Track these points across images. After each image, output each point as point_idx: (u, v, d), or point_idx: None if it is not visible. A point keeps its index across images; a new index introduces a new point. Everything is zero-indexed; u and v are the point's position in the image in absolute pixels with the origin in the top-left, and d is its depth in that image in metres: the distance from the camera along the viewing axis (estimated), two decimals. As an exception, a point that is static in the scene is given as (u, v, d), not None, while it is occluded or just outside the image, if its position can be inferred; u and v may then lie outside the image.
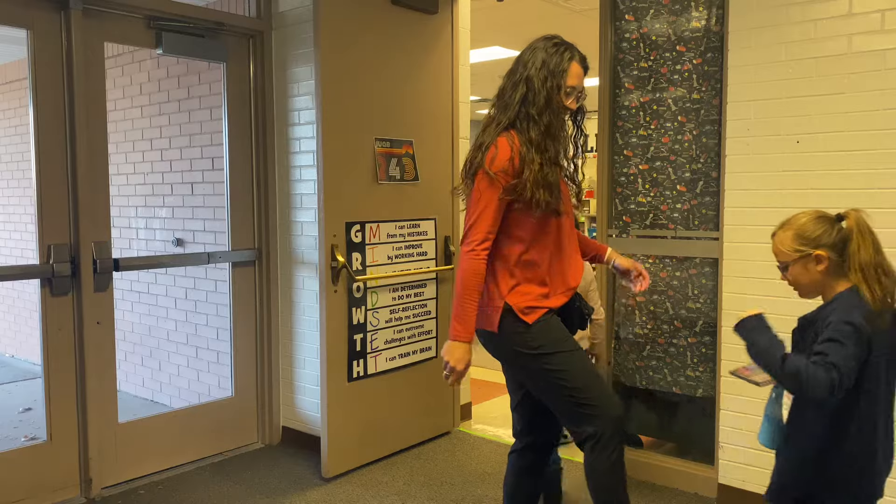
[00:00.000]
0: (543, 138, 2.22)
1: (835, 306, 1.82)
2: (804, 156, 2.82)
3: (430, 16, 3.78)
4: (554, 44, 2.28)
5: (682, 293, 3.29)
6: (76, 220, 3.18)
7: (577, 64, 2.28)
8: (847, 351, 1.72)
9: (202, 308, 4.48)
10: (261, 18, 3.77)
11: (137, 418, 3.64)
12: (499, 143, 2.22)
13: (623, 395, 3.49)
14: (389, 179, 3.63)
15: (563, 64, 2.25)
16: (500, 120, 2.27)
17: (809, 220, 1.88)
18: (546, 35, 2.32)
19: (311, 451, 3.70)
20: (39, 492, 3.17)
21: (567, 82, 2.25)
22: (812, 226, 1.87)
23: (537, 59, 2.25)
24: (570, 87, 2.26)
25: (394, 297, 3.71)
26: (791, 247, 1.88)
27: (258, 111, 3.81)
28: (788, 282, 1.95)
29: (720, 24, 3.09)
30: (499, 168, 2.19)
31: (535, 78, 2.23)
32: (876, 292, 1.79)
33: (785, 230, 1.91)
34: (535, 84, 2.23)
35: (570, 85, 2.26)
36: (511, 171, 2.19)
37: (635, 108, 3.35)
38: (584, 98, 2.34)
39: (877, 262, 1.82)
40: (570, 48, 2.29)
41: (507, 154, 2.19)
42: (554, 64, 2.24)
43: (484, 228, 2.21)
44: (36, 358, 5.39)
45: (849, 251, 1.83)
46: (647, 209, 3.35)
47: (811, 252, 1.85)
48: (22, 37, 3.08)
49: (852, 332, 1.74)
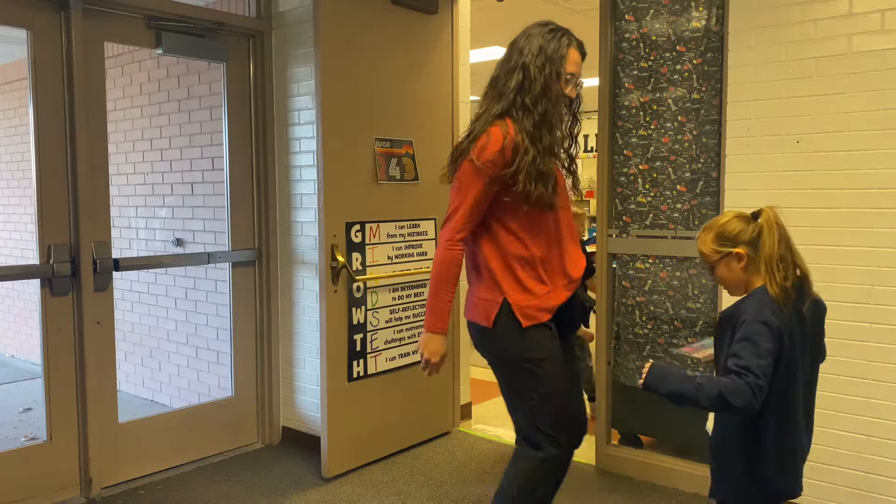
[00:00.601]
0: (539, 128, 2.13)
1: (749, 302, 1.90)
2: (804, 156, 2.82)
3: (430, 16, 3.78)
4: (550, 29, 2.19)
5: (682, 293, 3.29)
6: (76, 220, 3.18)
7: (576, 50, 2.20)
8: (759, 349, 1.77)
9: (202, 308, 4.48)
10: (261, 18, 3.77)
11: (137, 418, 3.64)
12: (491, 132, 2.13)
13: (623, 395, 3.50)
14: (389, 179, 3.63)
15: (561, 49, 2.16)
16: (494, 109, 2.18)
17: (728, 220, 1.96)
18: (540, 21, 2.22)
19: (311, 451, 3.70)
20: (39, 492, 3.17)
21: (566, 69, 2.17)
22: (731, 225, 1.95)
23: (533, 45, 2.16)
24: (570, 74, 2.19)
25: (394, 297, 3.71)
26: (712, 247, 1.96)
27: (258, 111, 3.81)
28: (716, 281, 2.02)
29: (720, 24, 3.09)
30: (487, 159, 2.10)
31: (531, 65, 2.14)
32: (775, 284, 1.86)
33: (706, 232, 1.99)
34: (532, 71, 2.14)
35: (569, 72, 2.18)
36: (501, 162, 2.11)
37: (635, 108, 3.35)
38: (581, 86, 2.25)
39: (780, 254, 1.89)
40: (567, 34, 2.21)
41: (497, 145, 2.10)
42: (552, 50, 2.15)
43: (462, 219, 2.15)
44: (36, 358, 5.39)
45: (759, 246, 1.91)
46: (647, 209, 3.35)
47: (731, 251, 1.93)
48: (22, 37, 3.07)
49: (764, 329, 1.80)
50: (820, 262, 2.80)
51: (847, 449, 2.79)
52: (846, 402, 2.78)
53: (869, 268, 2.71)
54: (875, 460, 2.74)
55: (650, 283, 3.37)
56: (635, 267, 3.40)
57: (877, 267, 2.69)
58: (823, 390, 2.80)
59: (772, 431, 1.89)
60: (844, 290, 2.76)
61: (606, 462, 3.49)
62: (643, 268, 3.38)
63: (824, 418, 2.83)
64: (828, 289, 2.78)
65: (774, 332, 1.81)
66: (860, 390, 2.75)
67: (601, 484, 3.37)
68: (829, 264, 2.79)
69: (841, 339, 2.77)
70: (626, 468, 3.45)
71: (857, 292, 2.74)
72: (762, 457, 1.91)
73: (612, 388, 3.50)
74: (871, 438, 2.74)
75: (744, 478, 1.95)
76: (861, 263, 2.72)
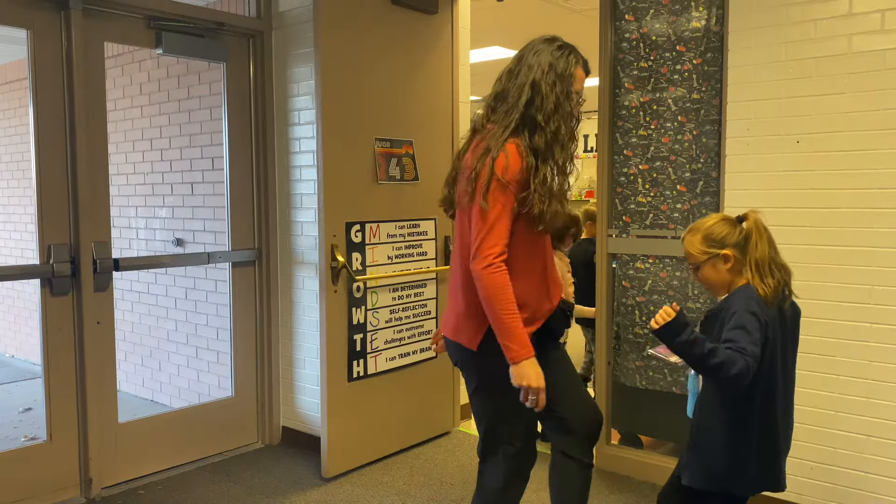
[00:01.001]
0: (550, 146, 2.09)
1: (734, 298, 1.98)
2: (804, 156, 2.82)
3: (430, 16, 3.78)
4: (558, 46, 2.16)
5: (682, 293, 3.29)
6: (76, 220, 3.18)
7: (581, 69, 2.19)
8: (753, 336, 1.87)
9: (202, 308, 4.48)
10: (261, 18, 3.77)
11: (137, 418, 3.64)
12: (508, 149, 2.06)
13: (623, 395, 3.50)
14: (389, 179, 3.63)
15: (570, 68, 2.14)
16: (507, 124, 2.10)
17: (715, 222, 2.06)
18: (546, 36, 2.20)
19: (311, 451, 3.70)
20: (39, 492, 3.17)
21: (574, 87, 2.15)
22: (718, 228, 2.05)
23: (543, 61, 2.12)
24: (576, 93, 2.17)
25: (394, 297, 3.71)
26: (700, 248, 2.05)
27: (258, 111, 3.81)
28: (700, 282, 2.11)
29: (720, 24, 3.09)
30: (512, 177, 2.04)
31: (541, 82, 2.10)
32: (769, 286, 1.97)
33: (693, 234, 2.08)
34: (543, 88, 2.09)
35: (576, 90, 2.16)
36: (523, 180, 2.05)
37: (635, 108, 3.35)
38: (583, 103, 2.24)
39: (770, 257, 2.00)
40: (574, 51, 2.19)
41: (518, 164, 2.04)
42: (562, 68, 2.13)
43: (499, 240, 2.04)
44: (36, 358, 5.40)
45: (748, 249, 2.00)
46: (647, 209, 3.36)
47: (719, 252, 2.02)
48: (22, 37, 3.07)
49: (754, 320, 1.90)
50: (820, 262, 2.81)
51: (847, 449, 2.79)
52: (846, 402, 2.78)
53: (869, 268, 2.71)
54: (875, 460, 2.74)
55: (650, 283, 3.37)
56: (635, 267, 3.40)
57: (877, 267, 2.69)
58: (823, 390, 2.82)
59: (756, 424, 1.97)
60: (844, 290, 2.76)
61: (606, 462, 3.49)
62: (643, 268, 3.38)
63: (824, 418, 2.83)
64: (828, 289, 2.79)
65: (762, 324, 1.91)
66: (860, 390, 2.75)
67: (601, 484, 3.37)
68: (829, 264, 2.79)
69: (841, 339, 2.77)
70: (626, 468, 3.45)
71: (857, 292, 2.74)
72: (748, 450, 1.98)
73: (612, 388, 3.50)
74: (871, 438, 2.74)
75: (724, 469, 2.00)
76: (861, 263, 2.72)
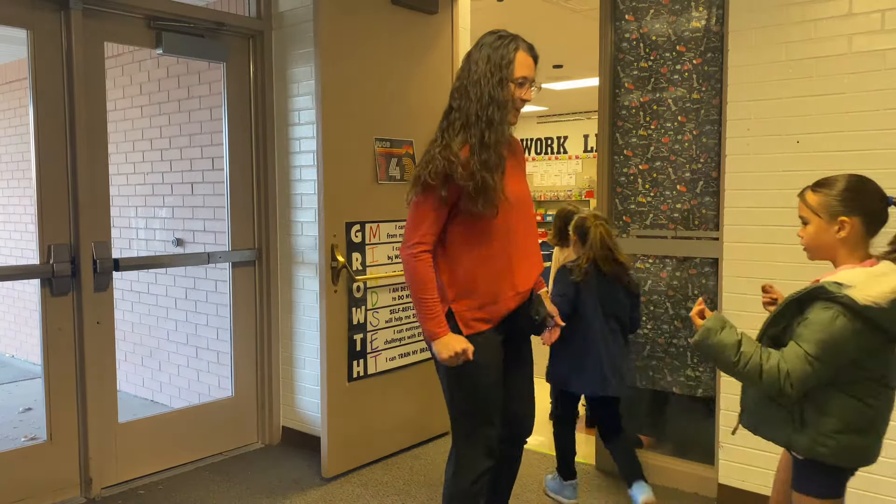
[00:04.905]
0: (482, 138, 2.17)
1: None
2: (804, 156, 2.82)
3: (430, 16, 3.78)
4: (499, 37, 2.23)
5: (682, 293, 3.29)
6: (76, 220, 3.18)
7: (525, 53, 2.23)
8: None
9: (202, 308, 4.48)
10: (261, 18, 3.77)
11: (137, 418, 3.64)
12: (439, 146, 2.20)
13: (623, 395, 3.50)
14: (389, 179, 3.63)
15: (508, 55, 2.20)
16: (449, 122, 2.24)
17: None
18: (492, 30, 2.27)
19: (311, 451, 3.70)
20: (39, 492, 3.17)
21: (515, 73, 2.20)
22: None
23: (482, 54, 2.21)
24: (522, 78, 2.21)
25: (394, 297, 3.71)
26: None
27: (258, 111, 3.81)
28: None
29: (720, 24, 3.09)
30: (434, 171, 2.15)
31: (479, 74, 2.18)
32: None
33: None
34: (481, 81, 2.18)
35: (520, 76, 2.21)
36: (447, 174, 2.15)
37: (635, 108, 3.35)
38: (538, 89, 2.29)
39: None
40: (515, 38, 2.24)
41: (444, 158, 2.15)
42: (499, 57, 2.19)
43: (420, 231, 2.20)
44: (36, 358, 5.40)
45: None
46: (647, 209, 3.36)
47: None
48: (22, 37, 3.08)
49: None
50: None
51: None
52: (846, 402, 2.77)
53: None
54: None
55: (650, 283, 3.37)
56: (635, 267, 3.40)
57: (877, 267, 2.69)
58: (823, 390, 2.81)
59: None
60: (844, 290, 2.75)
61: (606, 462, 3.49)
62: (643, 268, 3.38)
63: (824, 418, 2.82)
64: (828, 289, 2.78)
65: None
66: (860, 390, 2.74)
67: (601, 484, 3.37)
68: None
69: (841, 339, 2.76)
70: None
71: (857, 292, 2.73)
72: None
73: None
74: (871, 438, 2.74)
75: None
76: (861, 263, 2.72)
